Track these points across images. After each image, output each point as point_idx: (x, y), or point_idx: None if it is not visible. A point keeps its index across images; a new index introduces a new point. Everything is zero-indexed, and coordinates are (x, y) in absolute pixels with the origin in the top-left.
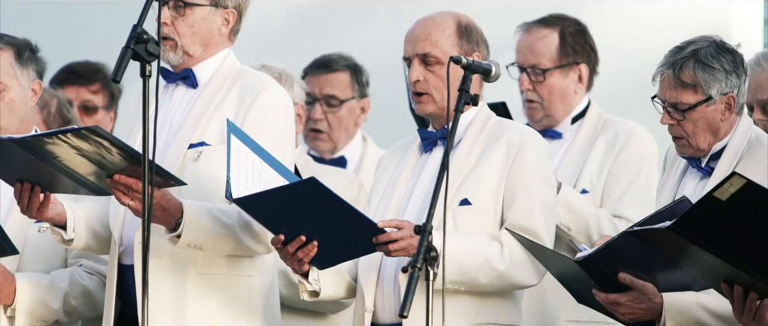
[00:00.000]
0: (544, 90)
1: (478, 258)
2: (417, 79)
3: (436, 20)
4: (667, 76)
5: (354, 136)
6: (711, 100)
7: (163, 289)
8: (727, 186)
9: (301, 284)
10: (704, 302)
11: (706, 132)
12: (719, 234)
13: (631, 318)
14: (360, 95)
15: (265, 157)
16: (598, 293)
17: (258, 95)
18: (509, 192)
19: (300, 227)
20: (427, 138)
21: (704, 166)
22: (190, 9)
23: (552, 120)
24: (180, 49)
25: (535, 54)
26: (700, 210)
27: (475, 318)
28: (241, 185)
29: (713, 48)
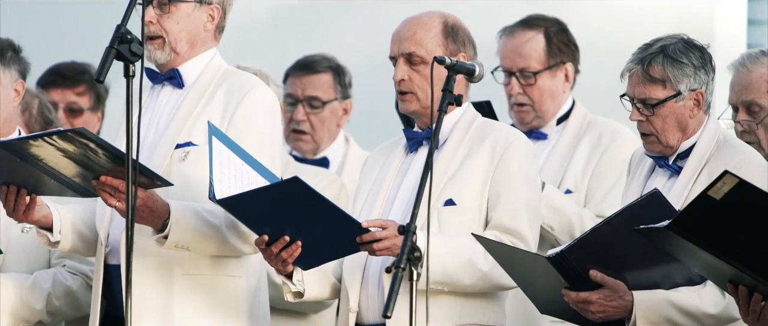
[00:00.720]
0: (535, 92)
1: (461, 259)
2: (401, 78)
3: (422, 20)
4: (635, 71)
5: (336, 137)
6: (680, 95)
7: (149, 290)
8: (721, 185)
9: (285, 285)
10: (674, 299)
11: (675, 128)
12: (718, 234)
13: (602, 316)
14: (342, 96)
15: (246, 159)
16: (569, 292)
17: (245, 95)
18: (494, 193)
19: (284, 227)
20: (413, 138)
21: (672, 164)
22: (175, 6)
23: (542, 121)
24: (168, 46)
25: (523, 57)
26: (696, 209)
27: (458, 319)
28: (223, 186)
29: (682, 44)
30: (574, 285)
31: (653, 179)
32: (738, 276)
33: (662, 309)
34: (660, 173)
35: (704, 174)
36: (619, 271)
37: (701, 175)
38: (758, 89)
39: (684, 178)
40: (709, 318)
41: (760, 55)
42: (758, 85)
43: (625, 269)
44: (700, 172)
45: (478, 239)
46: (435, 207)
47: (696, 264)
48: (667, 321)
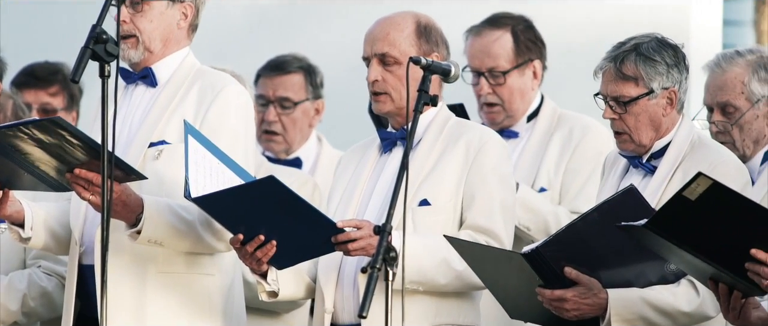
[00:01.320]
0: (505, 91)
1: (436, 259)
2: (375, 79)
3: (395, 20)
4: (608, 69)
5: (309, 137)
6: (653, 93)
7: (122, 288)
8: (695, 186)
9: (259, 284)
10: (649, 297)
11: (648, 126)
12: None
13: (576, 314)
14: (314, 96)
15: (222, 158)
16: (544, 291)
17: (218, 94)
18: (468, 193)
19: (259, 226)
20: (387, 138)
21: (646, 163)
22: (148, 4)
23: (512, 120)
24: (141, 44)
25: (491, 57)
26: (672, 209)
27: (434, 319)
28: (199, 185)
29: (655, 43)
30: (548, 283)
31: (627, 179)
32: (718, 274)
33: (637, 307)
34: (634, 173)
35: (679, 174)
36: (594, 269)
37: (675, 175)
38: (733, 90)
39: (658, 177)
40: (684, 316)
41: (735, 55)
42: (733, 86)
43: (600, 267)
44: (674, 172)
45: (450, 241)
46: (409, 208)
47: (677, 261)
48: (642, 319)
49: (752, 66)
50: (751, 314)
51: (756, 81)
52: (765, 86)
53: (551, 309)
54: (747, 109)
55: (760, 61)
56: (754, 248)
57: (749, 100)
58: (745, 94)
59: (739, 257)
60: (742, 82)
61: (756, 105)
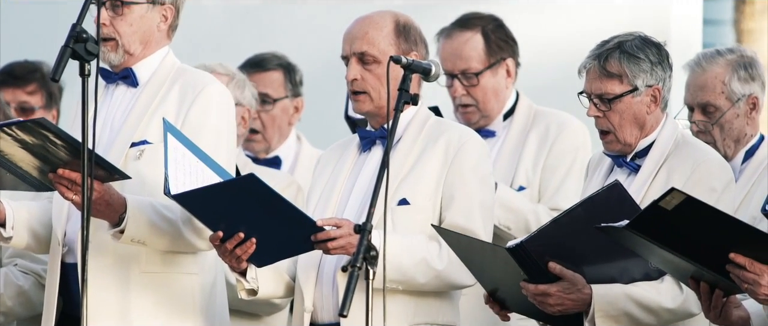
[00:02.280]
0: (479, 92)
1: (416, 258)
2: (354, 78)
3: (373, 19)
4: (593, 67)
5: (288, 136)
6: (637, 90)
7: (106, 289)
8: (670, 199)
9: (238, 282)
10: (633, 293)
11: (633, 125)
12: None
13: (560, 309)
14: (293, 94)
15: (201, 156)
16: (527, 285)
17: (199, 93)
18: (448, 193)
19: (238, 224)
20: (366, 137)
21: (630, 162)
22: (128, 8)
23: (488, 119)
24: (121, 48)
25: (463, 59)
26: (649, 217)
27: (413, 318)
28: (178, 182)
29: (639, 40)
30: (532, 277)
31: (613, 177)
32: (699, 273)
33: (621, 302)
34: (619, 172)
35: (663, 172)
36: (578, 264)
37: (660, 173)
38: (713, 90)
39: (642, 176)
40: (667, 312)
41: (715, 54)
42: (713, 86)
43: (584, 262)
44: (658, 170)
45: (438, 230)
46: (389, 207)
47: (657, 261)
48: (626, 315)
49: (732, 65)
50: (732, 313)
51: (736, 80)
52: (745, 85)
53: (535, 303)
54: (727, 109)
55: (741, 61)
56: (733, 252)
57: (730, 100)
58: (726, 94)
59: (720, 259)
60: (723, 81)
61: (736, 104)
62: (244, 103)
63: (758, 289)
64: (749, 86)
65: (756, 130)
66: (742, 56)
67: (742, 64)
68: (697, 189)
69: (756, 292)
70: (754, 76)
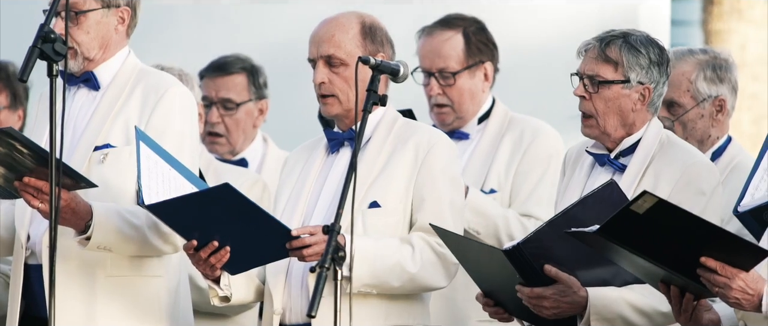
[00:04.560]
0: (455, 93)
1: (390, 261)
2: (321, 81)
3: (339, 21)
4: (593, 47)
5: (253, 138)
6: (628, 83)
7: (71, 293)
8: (642, 202)
9: (211, 289)
10: (628, 297)
11: (615, 116)
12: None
13: (556, 312)
14: (257, 97)
15: (173, 164)
16: (523, 288)
17: (162, 96)
18: (418, 195)
19: (213, 232)
20: (334, 138)
21: (614, 161)
22: (83, 16)
23: (462, 121)
24: (80, 56)
25: (442, 57)
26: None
27: (384, 320)
28: (152, 192)
29: (644, 37)
30: (528, 280)
31: (595, 176)
32: (669, 277)
33: (616, 306)
34: (602, 171)
35: (650, 174)
36: (572, 267)
37: (647, 175)
38: (679, 87)
39: (630, 175)
40: (661, 315)
41: (687, 53)
42: (679, 83)
43: (578, 265)
44: (645, 171)
45: (436, 230)
46: (360, 210)
47: (628, 266)
48: (620, 318)
49: (701, 65)
50: (703, 316)
51: (703, 80)
52: (712, 86)
53: (530, 306)
54: (691, 107)
55: (711, 62)
56: (703, 256)
57: (694, 99)
58: (691, 92)
59: (690, 263)
60: (689, 79)
61: (701, 104)
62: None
63: (729, 293)
64: (717, 88)
65: (723, 133)
66: (715, 58)
67: (712, 65)
68: (685, 192)
69: (727, 296)
70: (722, 78)
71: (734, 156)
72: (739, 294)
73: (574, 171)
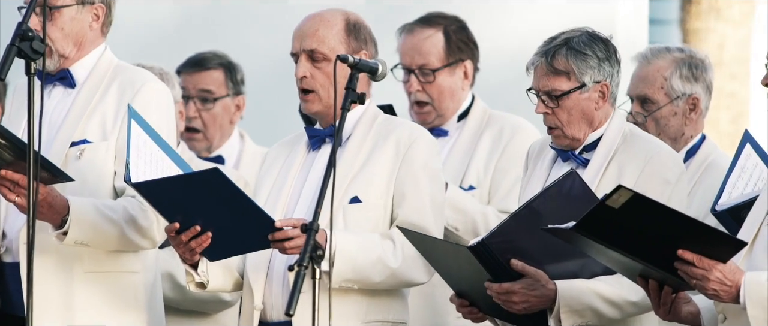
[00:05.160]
0: (434, 90)
1: (372, 257)
2: (303, 75)
3: (324, 17)
4: (540, 64)
5: (230, 135)
6: (584, 87)
7: (49, 288)
8: (617, 197)
9: (189, 274)
10: (597, 288)
11: (581, 120)
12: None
13: (524, 307)
14: (235, 93)
15: (163, 146)
16: (491, 285)
17: (138, 91)
18: (399, 190)
19: (196, 217)
20: (315, 135)
21: (578, 156)
22: (58, 12)
23: (442, 119)
24: (55, 53)
25: (422, 55)
26: (597, 216)
27: (365, 316)
28: (139, 170)
29: (586, 37)
30: (496, 276)
31: (558, 170)
32: (647, 271)
33: (585, 298)
34: (565, 166)
35: (613, 166)
36: (539, 261)
37: (610, 167)
38: (653, 83)
39: (592, 170)
40: (631, 305)
41: (663, 50)
42: (654, 79)
43: (546, 258)
44: (608, 164)
45: (403, 231)
46: (341, 205)
47: (605, 260)
48: (590, 310)
49: (677, 62)
50: (682, 309)
51: (677, 77)
52: (686, 84)
53: (500, 303)
54: (664, 104)
55: (687, 60)
56: (680, 249)
57: (668, 96)
58: (665, 89)
59: (668, 256)
60: (664, 76)
61: (675, 102)
62: (177, 99)
63: (707, 285)
64: (691, 86)
65: (697, 131)
66: (691, 56)
67: (688, 64)
68: (650, 181)
69: (705, 288)
70: (697, 77)
71: (708, 154)
72: (717, 286)
73: (536, 164)
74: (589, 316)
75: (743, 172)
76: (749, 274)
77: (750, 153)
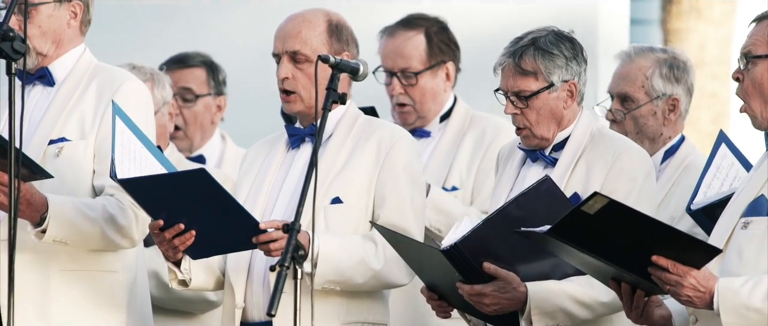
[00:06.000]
0: (417, 92)
1: (355, 258)
2: (285, 76)
3: (306, 18)
4: (507, 65)
5: (212, 135)
6: (553, 86)
7: (26, 286)
8: (593, 203)
9: (171, 272)
10: (568, 290)
11: (550, 120)
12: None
13: (496, 309)
14: (216, 92)
15: (146, 144)
16: (463, 286)
17: (117, 90)
18: (380, 191)
19: (180, 215)
20: (294, 134)
21: (547, 156)
22: (35, 10)
23: (424, 121)
24: (33, 51)
25: (404, 57)
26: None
27: (345, 318)
28: (124, 167)
29: (552, 36)
30: (468, 278)
31: (527, 171)
32: (620, 274)
33: (556, 299)
34: (533, 165)
35: (582, 165)
36: (512, 263)
37: (578, 166)
38: (634, 82)
39: (560, 169)
40: (602, 306)
41: (647, 49)
42: (635, 78)
43: (518, 260)
44: (576, 163)
45: (377, 228)
46: (322, 206)
47: (578, 264)
48: (561, 311)
49: (659, 62)
50: (654, 312)
51: (658, 77)
52: (667, 85)
53: (472, 303)
54: (644, 103)
55: (670, 60)
56: (655, 255)
57: (648, 95)
58: (646, 88)
59: (642, 261)
60: (645, 75)
61: (654, 101)
62: (168, 100)
63: (681, 291)
64: (672, 87)
65: (676, 132)
66: (674, 58)
67: (669, 64)
68: (618, 179)
69: (679, 294)
70: (678, 77)
71: (687, 155)
72: (690, 292)
73: (506, 166)
74: (561, 318)
75: (719, 172)
76: (723, 280)
77: (725, 153)
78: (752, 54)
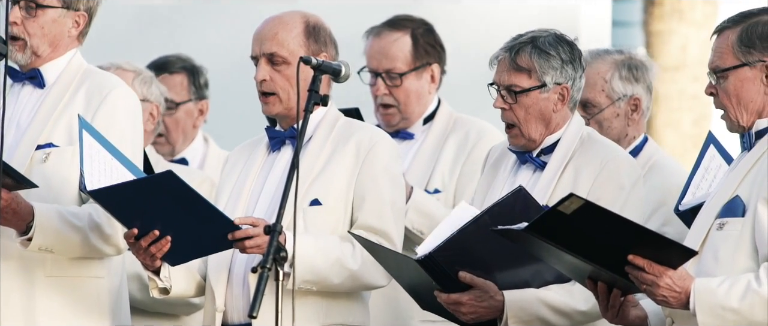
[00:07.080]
0: (401, 94)
1: (330, 258)
2: (263, 79)
3: (283, 20)
4: (503, 58)
5: (194, 138)
6: (545, 87)
7: (11, 293)
8: (569, 204)
9: (151, 281)
10: (545, 297)
11: (538, 121)
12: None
13: (473, 317)
14: (197, 97)
15: (115, 154)
16: (440, 294)
17: (106, 97)
18: (359, 193)
19: (154, 221)
20: (276, 137)
21: (536, 159)
22: (42, 10)
23: (408, 122)
24: (29, 49)
25: (389, 58)
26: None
27: (325, 319)
28: (94, 179)
29: (552, 38)
30: (445, 286)
31: (519, 174)
32: (596, 273)
33: (533, 307)
34: (525, 169)
35: (570, 170)
36: (489, 271)
37: (566, 171)
38: (594, 86)
39: (549, 173)
40: (580, 314)
41: (602, 52)
42: (594, 82)
43: (495, 269)
44: (565, 167)
45: (355, 237)
46: (301, 207)
47: (555, 263)
48: (539, 319)
49: (617, 64)
50: (630, 312)
51: (618, 79)
52: (627, 85)
53: (450, 311)
54: (606, 106)
55: (627, 61)
56: (631, 254)
57: (609, 98)
58: (606, 91)
59: (619, 260)
60: (604, 78)
61: (616, 103)
62: (151, 99)
63: (656, 290)
64: (632, 87)
65: (640, 132)
66: (630, 58)
67: (627, 65)
68: (605, 187)
69: (654, 293)
70: (638, 77)
71: (651, 155)
72: (666, 292)
73: (497, 169)
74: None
75: (707, 173)
76: (699, 281)
77: (714, 154)
78: (720, 68)
